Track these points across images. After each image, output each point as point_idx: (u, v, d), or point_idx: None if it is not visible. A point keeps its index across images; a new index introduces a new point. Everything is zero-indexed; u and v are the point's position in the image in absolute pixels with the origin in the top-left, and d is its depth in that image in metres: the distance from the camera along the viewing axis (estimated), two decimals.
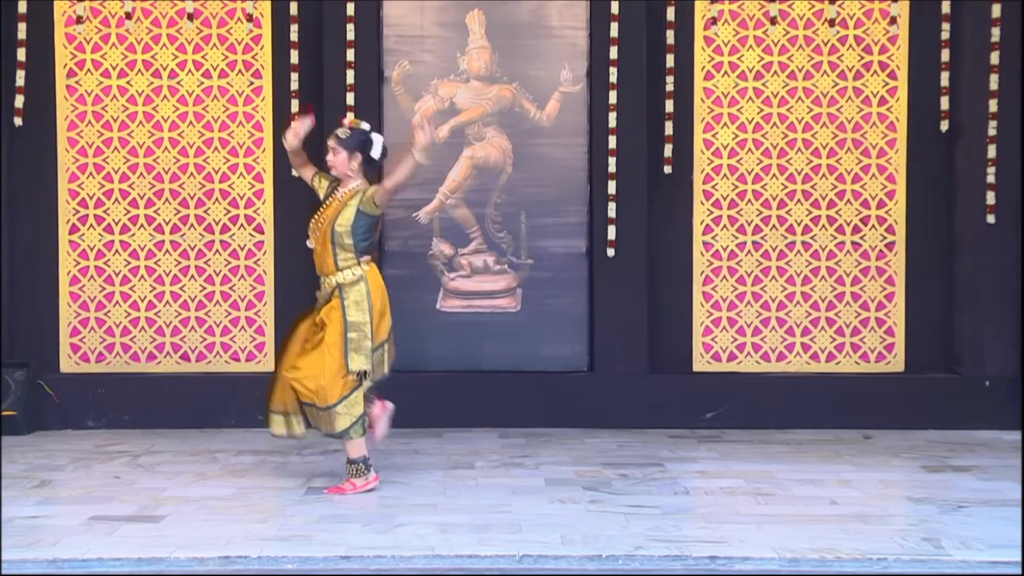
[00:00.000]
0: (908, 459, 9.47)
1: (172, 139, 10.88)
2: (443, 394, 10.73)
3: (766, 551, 6.72)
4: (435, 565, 6.56)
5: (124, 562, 6.54)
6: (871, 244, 10.96)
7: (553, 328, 10.99)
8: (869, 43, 10.90)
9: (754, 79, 10.94)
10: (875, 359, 10.99)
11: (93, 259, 10.89)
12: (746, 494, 8.20)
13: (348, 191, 8.37)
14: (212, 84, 10.89)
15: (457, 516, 7.53)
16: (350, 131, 8.41)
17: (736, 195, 10.96)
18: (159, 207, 10.90)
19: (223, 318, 10.94)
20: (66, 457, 9.50)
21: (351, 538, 6.98)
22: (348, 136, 8.38)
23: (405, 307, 10.72)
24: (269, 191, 10.85)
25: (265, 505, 7.91)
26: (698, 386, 10.90)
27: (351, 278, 8.29)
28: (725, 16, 10.91)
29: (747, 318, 11.00)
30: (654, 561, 6.60)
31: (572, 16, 10.97)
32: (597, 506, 7.84)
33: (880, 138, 10.92)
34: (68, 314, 10.90)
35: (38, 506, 7.86)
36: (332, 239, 8.29)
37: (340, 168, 8.37)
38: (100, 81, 10.87)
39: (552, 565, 6.58)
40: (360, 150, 8.38)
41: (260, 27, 10.87)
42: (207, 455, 9.54)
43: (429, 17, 11.00)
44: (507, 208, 10.99)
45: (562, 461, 9.33)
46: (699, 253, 10.97)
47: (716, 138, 10.94)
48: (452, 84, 11.02)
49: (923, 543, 6.92)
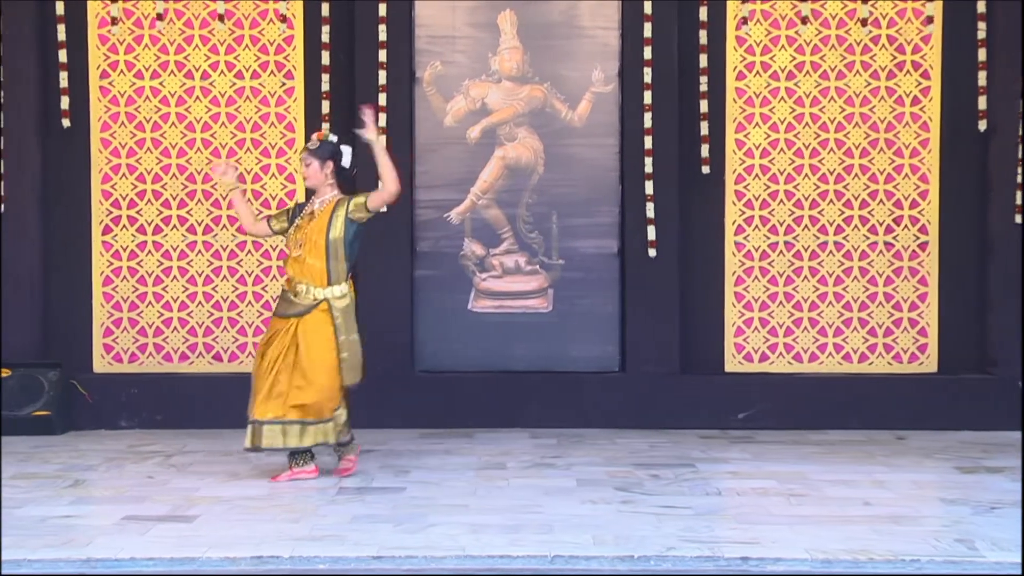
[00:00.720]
0: (941, 460, 9.43)
1: (204, 140, 10.92)
2: (474, 394, 10.74)
3: (798, 552, 6.70)
4: (466, 565, 6.56)
5: (157, 562, 6.55)
6: (904, 244, 10.91)
7: (584, 328, 10.99)
8: (902, 43, 10.86)
9: (786, 79, 10.91)
10: (908, 360, 10.95)
11: (126, 259, 10.93)
12: (778, 495, 8.17)
13: (329, 201, 8.63)
14: (244, 85, 10.92)
15: (488, 516, 7.52)
16: (319, 143, 8.67)
17: (768, 195, 10.93)
18: (191, 208, 10.93)
19: (255, 318, 10.96)
20: (99, 457, 9.53)
21: (383, 538, 6.98)
22: (318, 147, 8.65)
23: (436, 308, 10.78)
24: (301, 191, 10.85)
25: (297, 505, 7.92)
26: (730, 387, 10.88)
27: (339, 294, 8.54)
28: (757, 16, 10.89)
29: (779, 318, 10.97)
30: (686, 562, 6.59)
31: (604, 16, 10.97)
32: (629, 507, 7.83)
33: (913, 138, 10.88)
34: (101, 314, 10.94)
35: (72, 506, 7.88)
36: (327, 250, 8.51)
37: (314, 178, 8.64)
38: (133, 82, 10.91)
39: (584, 566, 6.57)
40: (332, 159, 8.65)
41: (292, 28, 10.89)
42: (239, 455, 9.52)
43: (461, 18, 11.00)
44: (538, 208, 10.99)
45: (593, 462, 9.32)
46: (731, 253, 10.95)
47: (748, 138, 10.92)
48: (484, 84, 11.03)
49: (956, 544, 6.88)
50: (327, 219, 8.52)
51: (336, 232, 8.50)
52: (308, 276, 8.53)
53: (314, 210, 8.62)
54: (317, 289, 8.51)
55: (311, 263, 8.51)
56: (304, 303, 8.53)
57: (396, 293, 10.83)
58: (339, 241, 8.50)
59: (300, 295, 8.54)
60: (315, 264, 8.51)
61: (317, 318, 8.50)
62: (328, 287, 8.51)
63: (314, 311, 8.50)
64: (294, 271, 8.59)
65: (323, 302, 8.50)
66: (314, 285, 8.51)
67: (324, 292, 8.50)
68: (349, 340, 8.54)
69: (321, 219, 8.54)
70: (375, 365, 10.75)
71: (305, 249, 8.53)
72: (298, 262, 8.56)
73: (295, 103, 10.92)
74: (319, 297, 8.50)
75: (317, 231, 8.51)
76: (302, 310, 8.52)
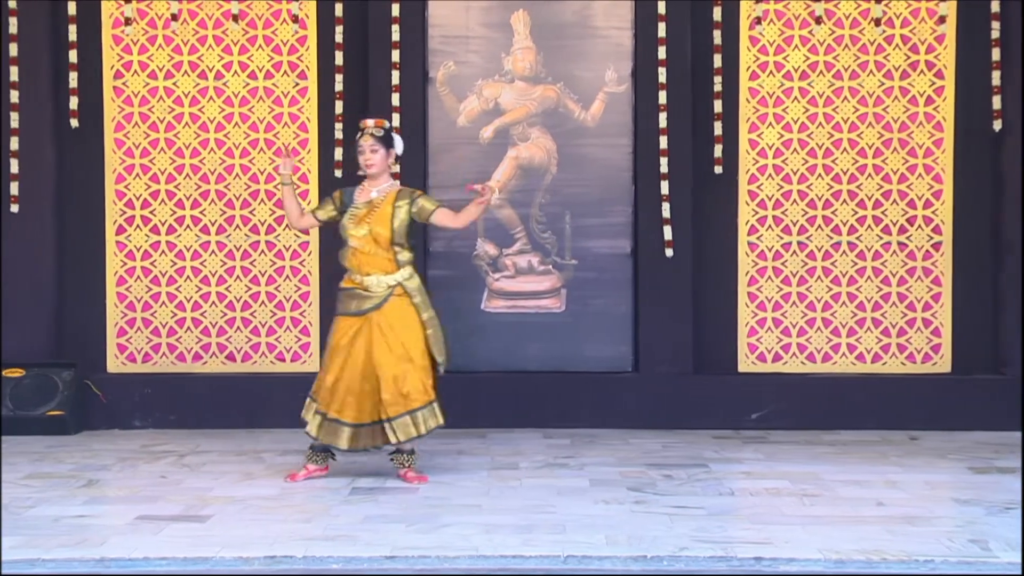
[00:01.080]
0: (955, 460, 9.42)
1: (218, 140, 10.93)
2: (487, 394, 10.74)
3: (811, 552, 6.69)
4: (479, 566, 6.55)
5: (170, 561, 6.56)
6: (917, 244, 10.90)
7: (597, 328, 10.99)
8: (916, 42, 10.84)
9: (800, 79, 10.90)
10: (921, 360, 10.93)
11: (140, 260, 10.94)
12: (791, 495, 8.17)
13: (388, 190, 8.51)
14: (258, 85, 10.93)
15: (501, 516, 7.52)
16: (382, 129, 8.54)
17: (781, 195, 10.92)
18: (205, 208, 10.95)
19: (268, 318, 10.98)
20: (113, 457, 9.55)
21: (396, 538, 6.98)
22: (384, 134, 8.52)
23: (450, 307, 10.73)
24: (314, 191, 10.87)
25: (310, 505, 7.92)
26: (743, 387, 10.87)
27: (407, 275, 8.45)
28: (771, 16, 10.88)
29: (792, 318, 10.96)
30: (699, 562, 6.58)
31: (617, 16, 10.97)
32: (642, 507, 7.82)
33: (927, 138, 10.86)
34: (115, 314, 10.96)
35: (85, 505, 7.89)
36: (393, 239, 8.40)
37: (379, 166, 8.49)
38: (147, 82, 10.92)
39: (596, 566, 6.57)
40: (393, 147, 8.57)
41: (305, 28, 10.90)
42: (253, 455, 9.57)
43: (474, 18, 11.01)
44: (551, 208, 10.99)
45: (606, 462, 9.32)
46: (744, 253, 10.94)
47: (761, 138, 10.91)
48: (497, 84, 11.03)
49: (970, 545, 6.87)
50: (390, 209, 8.42)
51: (400, 222, 8.40)
52: (377, 267, 8.42)
53: (372, 199, 8.49)
54: (387, 277, 8.41)
55: (378, 253, 8.41)
56: (379, 293, 8.41)
57: None
58: (403, 230, 8.41)
59: (372, 287, 8.42)
60: (382, 253, 8.41)
61: (396, 304, 8.42)
62: (398, 271, 8.43)
63: (391, 299, 8.42)
64: (360, 263, 8.44)
65: (397, 286, 8.43)
66: (383, 274, 8.41)
67: (395, 277, 8.42)
68: (431, 317, 8.49)
69: (384, 209, 8.43)
70: None
71: (369, 240, 8.40)
72: (363, 254, 8.43)
73: (308, 103, 10.93)
74: (391, 283, 8.42)
75: (380, 222, 8.39)
76: (379, 301, 8.41)
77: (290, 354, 10.97)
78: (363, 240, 8.43)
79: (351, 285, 8.49)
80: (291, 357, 10.97)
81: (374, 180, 8.53)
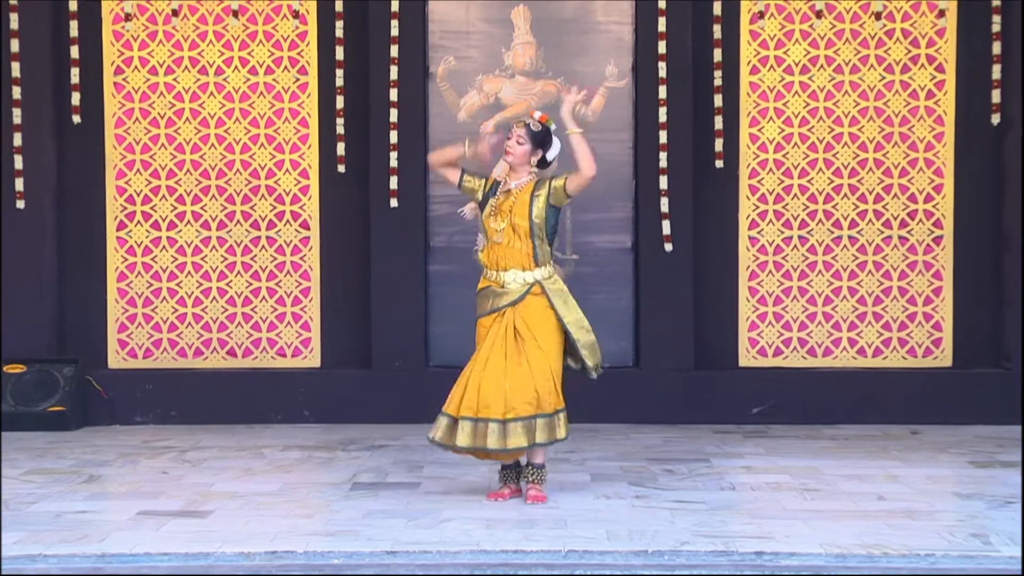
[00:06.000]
0: (956, 455, 9.42)
1: (219, 135, 10.93)
2: None
3: (813, 547, 6.69)
4: (480, 560, 6.56)
5: (171, 557, 6.57)
6: (918, 238, 10.90)
7: (598, 323, 10.81)
8: (916, 36, 10.84)
9: (800, 73, 10.90)
10: (922, 354, 10.93)
11: (141, 255, 10.94)
12: (792, 490, 8.17)
13: (527, 183, 8.04)
14: (258, 80, 10.93)
15: (502, 512, 7.53)
16: (541, 126, 8.08)
17: (782, 190, 10.92)
18: (206, 203, 10.95)
19: (269, 314, 10.98)
20: (114, 452, 9.55)
21: (397, 533, 6.99)
22: (539, 130, 8.07)
23: (450, 303, 10.76)
24: (315, 187, 10.87)
25: (311, 500, 7.93)
26: (744, 381, 10.87)
27: (547, 275, 8.00)
28: (771, 10, 10.87)
29: (793, 313, 10.96)
30: (700, 556, 6.58)
31: (617, 11, 10.96)
32: (643, 501, 7.83)
33: (928, 132, 10.86)
34: (116, 310, 10.96)
35: (86, 501, 7.90)
36: (532, 232, 7.94)
37: (519, 159, 8.04)
38: (147, 78, 10.92)
39: (598, 560, 6.57)
40: (542, 148, 8.08)
41: (306, 23, 10.90)
42: (254, 451, 9.57)
43: (474, 13, 11.01)
44: None
45: (607, 457, 9.33)
46: (745, 248, 10.94)
47: (762, 132, 10.91)
48: (497, 80, 11.03)
49: (971, 539, 6.87)
50: (528, 200, 7.97)
51: (539, 213, 7.94)
52: (515, 261, 7.96)
53: (511, 190, 8.05)
54: (526, 273, 7.96)
55: (517, 247, 7.96)
56: (515, 289, 7.96)
57: (410, 288, 10.83)
58: (542, 222, 7.96)
59: (508, 283, 7.96)
60: (521, 248, 7.95)
61: (534, 303, 7.95)
62: (536, 269, 7.97)
63: (528, 296, 7.95)
64: (497, 257, 8.00)
65: (535, 285, 7.96)
66: (522, 270, 7.96)
67: (533, 275, 7.96)
68: (575, 320, 8.02)
69: (522, 201, 7.97)
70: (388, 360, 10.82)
71: (507, 233, 7.96)
72: (502, 247, 7.97)
73: (309, 99, 10.93)
74: (529, 280, 7.95)
75: (519, 213, 7.94)
76: (516, 298, 7.94)
77: (291, 350, 10.97)
78: (502, 233, 7.99)
79: (486, 284, 8.08)
80: (292, 353, 10.97)
81: (515, 173, 8.08)
